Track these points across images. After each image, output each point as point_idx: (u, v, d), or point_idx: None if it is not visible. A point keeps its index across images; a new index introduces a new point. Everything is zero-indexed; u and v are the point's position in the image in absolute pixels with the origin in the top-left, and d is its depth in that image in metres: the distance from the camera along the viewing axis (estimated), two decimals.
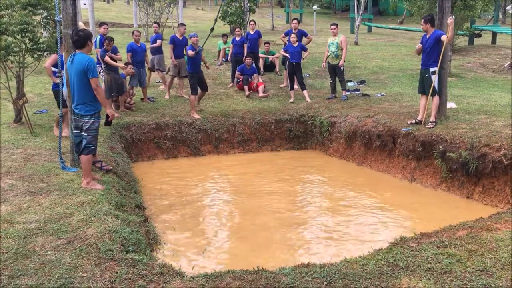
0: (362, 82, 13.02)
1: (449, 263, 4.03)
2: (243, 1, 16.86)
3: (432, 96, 8.19)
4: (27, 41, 8.14)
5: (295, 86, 11.66)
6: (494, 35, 18.83)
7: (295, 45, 11.23)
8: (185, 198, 7.44)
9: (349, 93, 11.50)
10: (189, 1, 39.94)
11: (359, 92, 11.79)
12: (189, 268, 4.90)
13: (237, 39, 12.81)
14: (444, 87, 8.38)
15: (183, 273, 4.09)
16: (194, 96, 10.21)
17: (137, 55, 10.86)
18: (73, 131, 6.13)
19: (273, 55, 14.05)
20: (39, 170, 6.31)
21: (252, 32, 12.98)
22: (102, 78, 9.97)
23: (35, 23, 8.30)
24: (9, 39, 8.05)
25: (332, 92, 11.44)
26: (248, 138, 10.34)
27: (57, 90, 7.78)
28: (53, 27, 8.84)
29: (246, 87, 11.92)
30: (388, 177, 8.50)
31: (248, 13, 17.04)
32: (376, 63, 15.44)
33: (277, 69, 13.97)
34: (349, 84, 12.38)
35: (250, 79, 12.11)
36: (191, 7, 38.15)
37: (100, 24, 11.36)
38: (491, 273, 3.85)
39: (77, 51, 5.74)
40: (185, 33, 11.68)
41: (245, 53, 12.49)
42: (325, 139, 10.21)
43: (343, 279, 3.81)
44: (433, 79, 8.09)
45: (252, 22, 13.40)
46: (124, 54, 10.99)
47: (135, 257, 4.21)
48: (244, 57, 12.32)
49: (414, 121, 8.51)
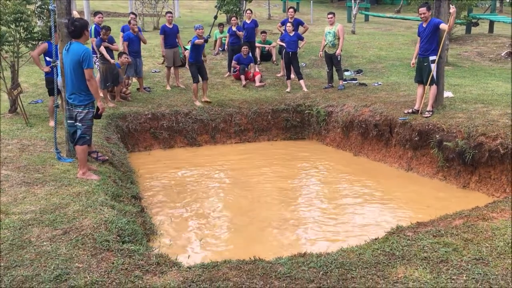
0: (359, 72, 12.99)
1: (445, 252, 4.04)
2: None
3: (430, 86, 8.17)
4: (21, 31, 8.07)
5: (292, 76, 11.61)
6: (492, 23, 18.77)
7: (292, 34, 11.16)
8: (181, 188, 7.42)
9: (346, 82, 11.46)
10: None
11: (356, 81, 11.76)
12: (185, 258, 4.89)
13: (233, 28, 12.73)
14: (441, 76, 8.35)
15: (179, 263, 4.08)
16: (196, 84, 10.15)
17: (133, 44, 10.76)
18: (67, 121, 6.09)
19: (269, 44, 13.97)
20: (34, 160, 6.28)
21: (248, 21, 12.90)
22: (97, 67, 9.90)
23: (29, 12, 8.22)
24: (3, 28, 7.98)
25: (329, 81, 11.40)
26: (244, 128, 10.31)
27: (49, 77, 7.72)
28: (47, 16, 8.75)
29: (242, 76, 11.87)
30: (384, 167, 8.50)
31: (244, 2, 16.91)
32: (373, 52, 15.38)
33: (274, 58, 13.90)
34: (346, 73, 12.34)
35: (246, 69, 12.05)
36: None
37: (95, 13, 11.25)
38: (487, 262, 3.86)
39: (74, 40, 5.69)
40: (173, 20, 11.58)
41: (238, 36, 12.41)
42: (322, 128, 10.19)
43: (340, 269, 3.81)
44: (432, 68, 8.06)
45: (249, 11, 13.31)
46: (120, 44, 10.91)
47: (131, 247, 4.20)
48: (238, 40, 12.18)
49: (411, 110, 8.49)
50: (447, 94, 9.22)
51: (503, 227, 4.51)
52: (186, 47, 12.51)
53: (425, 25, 8.07)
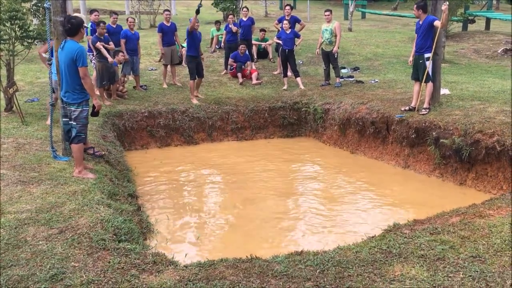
0: (356, 69, 12.98)
1: (442, 249, 4.04)
2: None
3: (425, 83, 8.17)
4: (17, 29, 8.03)
5: (289, 73, 11.60)
6: (488, 21, 18.77)
7: (288, 32, 11.14)
8: (178, 187, 7.41)
9: (343, 80, 11.45)
10: None
11: (353, 79, 11.75)
12: (182, 257, 4.88)
13: (230, 26, 12.69)
14: (438, 73, 8.35)
15: (176, 262, 4.07)
16: (193, 81, 10.14)
17: (130, 42, 10.72)
18: (62, 119, 6.06)
19: (266, 41, 13.94)
20: (30, 159, 6.25)
21: (245, 19, 12.86)
22: (93, 65, 9.86)
23: (24, 10, 8.18)
24: None
25: (325, 79, 11.39)
26: (241, 126, 10.29)
27: None
28: (43, 14, 8.72)
29: (239, 74, 11.84)
30: (381, 164, 8.50)
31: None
32: (370, 49, 15.38)
33: (270, 56, 13.88)
34: (343, 71, 12.33)
35: (243, 66, 12.03)
36: None
37: (91, 11, 11.19)
38: (484, 259, 3.86)
39: (69, 38, 5.66)
40: (170, 18, 11.56)
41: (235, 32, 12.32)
42: (318, 126, 10.19)
43: (336, 267, 3.81)
44: (427, 65, 8.06)
45: (245, 9, 13.27)
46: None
47: (128, 246, 4.19)
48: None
49: (407, 107, 8.49)
50: (444, 91, 9.22)
51: (500, 224, 4.51)
52: (183, 45, 12.47)
53: (421, 23, 8.08)
